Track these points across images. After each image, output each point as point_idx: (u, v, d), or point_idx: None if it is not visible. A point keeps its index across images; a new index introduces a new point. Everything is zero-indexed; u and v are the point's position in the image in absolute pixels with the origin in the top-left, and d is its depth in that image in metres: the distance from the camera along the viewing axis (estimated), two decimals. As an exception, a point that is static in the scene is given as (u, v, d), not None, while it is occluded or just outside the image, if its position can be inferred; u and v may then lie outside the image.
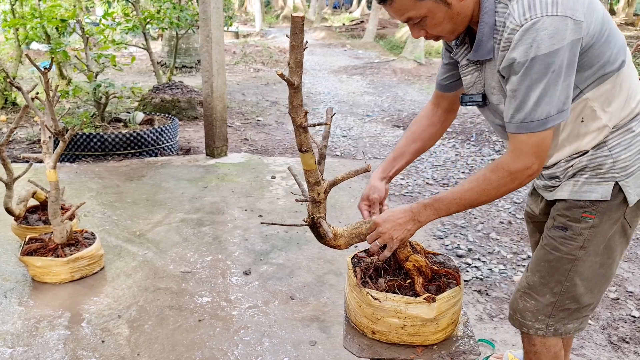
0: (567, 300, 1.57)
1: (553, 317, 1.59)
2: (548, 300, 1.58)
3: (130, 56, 7.31)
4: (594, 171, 1.47)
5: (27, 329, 2.52)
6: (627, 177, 1.44)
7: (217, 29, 5.23)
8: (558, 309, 1.58)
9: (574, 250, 1.51)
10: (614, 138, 1.44)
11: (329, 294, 2.88)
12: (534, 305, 1.61)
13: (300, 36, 1.22)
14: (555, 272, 1.55)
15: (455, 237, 3.69)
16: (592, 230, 1.48)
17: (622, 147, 1.44)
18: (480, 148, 6.26)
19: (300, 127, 1.33)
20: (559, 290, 1.56)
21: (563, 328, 1.61)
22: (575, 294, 1.55)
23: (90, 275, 3.03)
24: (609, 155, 1.44)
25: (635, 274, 3.20)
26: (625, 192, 1.45)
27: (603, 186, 1.45)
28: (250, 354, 2.36)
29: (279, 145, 6.59)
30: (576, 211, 1.49)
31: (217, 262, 3.24)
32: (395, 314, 1.49)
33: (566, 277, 1.54)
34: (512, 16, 1.28)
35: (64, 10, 6.46)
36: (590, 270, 1.53)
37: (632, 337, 2.57)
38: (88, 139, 5.47)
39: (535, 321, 1.62)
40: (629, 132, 1.44)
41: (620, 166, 1.44)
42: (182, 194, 4.46)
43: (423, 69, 13.46)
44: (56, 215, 2.89)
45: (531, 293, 1.62)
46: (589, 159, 1.47)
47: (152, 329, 2.54)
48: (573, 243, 1.51)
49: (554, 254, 1.54)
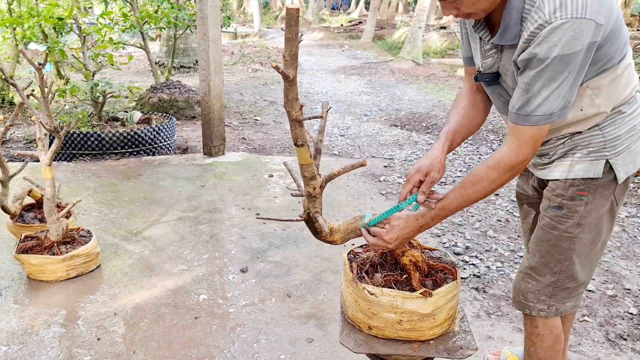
0: (566, 279, 1.63)
1: (554, 297, 1.65)
2: (549, 280, 1.64)
3: (128, 56, 7.25)
4: (586, 149, 1.52)
5: (22, 327, 2.50)
6: (617, 155, 1.50)
7: (214, 27, 5.22)
8: (558, 288, 1.64)
9: (570, 228, 1.56)
10: (605, 119, 1.50)
11: (325, 292, 2.87)
12: (535, 285, 1.67)
13: (295, 28, 1.22)
14: (555, 251, 1.60)
15: (453, 234, 3.68)
16: (586, 207, 1.54)
17: (613, 127, 1.50)
18: (478, 147, 6.26)
19: (296, 121, 1.33)
20: (559, 269, 1.61)
21: (563, 307, 1.67)
22: (574, 272, 1.62)
23: (87, 273, 3.01)
24: (600, 134, 1.50)
25: (632, 271, 3.19)
26: (615, 169, 1.51)
27: (595, 164, 1.51)
28: (247, 351, 2.35)
29: (277, 144, 6.58)
30: (570, 190, 1.54)
31: (214, 260, 3.22)
32: (392, 309, 1.48)
33: (565, 255, 1.59)
34: (542, 11, 1.27)
35: (62, 10, 6.45)
36: (585, 248, 1.60)
37: (629, 334, 2.56)
38: (85, 137, 5.46)
39: (537, 302, 1.67)
40: (620, 114, 1.50)
41: (610, 145, 1.50)
42: (179, 192, 4.44)
43: (421, 69, 13.47)
44: (52, 212, 2.87)
45: (532, 274, 1.67)
46: (581, 137, 1.52)
47: (148, 326, 2.53)
48: (569, 221, 1.56)
49: (552, 233, 1.59)
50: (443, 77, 12.69)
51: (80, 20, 6.25)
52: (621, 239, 3.65)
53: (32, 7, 7.11)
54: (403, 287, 1.56)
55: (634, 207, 4.27)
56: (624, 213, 4.12)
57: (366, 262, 1.64)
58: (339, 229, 1.57)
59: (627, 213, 4.13)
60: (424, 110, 8.80)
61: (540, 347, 1.74)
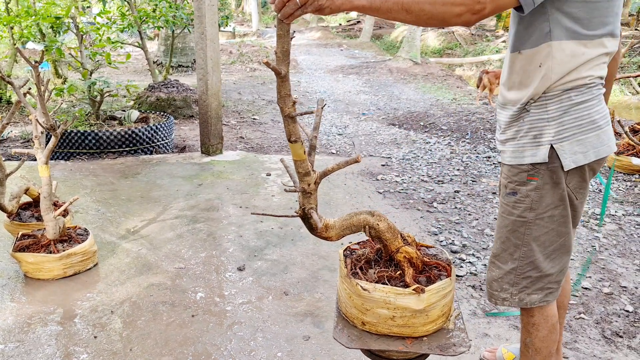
0: (526, 266, 1.66)
1: (516, 286, 1.69)
2: (509, 267, 1.69)
3: (126, 55, 7.23)
4: (531, 133, 1.57)
5: (19, 325, 2.50)
6: (561, 141, 1.54)
7: (211, 26, 5.22)
8: (520, 276, 1.68)
9: (524, 212, 1.62)
10: (553, 102, 1.54)
11: (322, 290, 2.87)
12: (498, 273, 1.72)
13: (286, 25, 1.22)
14: (512, 236, 1.66)
15: (450, 233, 3.69)
16: (537, 192, 1.59)
17: (560, 111, 1.53)
18: (475, 146, 6.27)
19: (289, 117, 1.33)
20: (518, 255, 1.66)
21: (527, 298, 1.69)
22: (534, 259, 1.65)
23: (84, 271, 3.01)
24: (546, 118, 1.54)
25: (629, 269, 3.20)
26: (560, 155, 1.54)
27: (540, 149, 1.56)
28: (244, 349, 2.35)
29: (275, 143, 6.58)
30: (521, 175, 1.61)
31: (211, 258, 3.23)
32: (385, 304, 1.48)
33: (522, 241, 1.64)
34: None
35: (60, 9, 6.44)
36: (546, 237, 1.63)
37: (625, 332, 2.57)
38: (83, 136, 5.45)
39: (500, 290, 1.73)
40: (568, 100, 1.53)
41: (555, 130, 1.54)
42: (176, 191, 4.44)
43: (419, 68, 13.47)
44: (48, 211, 2.87)
45: (495, 261, 1.74)
46: (529, 120, 1.57)
47: (145, 324, 2.53)
48: (522, 205, 1.62)
49: (509, 219, 1.66)
50: (441, 77, 12.70)
51: (78, 19, 6.25)
52: (618, 237, 3.66)
53: (29, 6, 7.10)
54: (397, 283, 1.57)
55: (631, 206, 4.28)
56: (621, 211, 4.13)
57: (361, 259, 1.64)
58: (334, 226, 1.57)
59: (623, 211, 4.13)
60: (422, 109, 8.80)
61: (536, 337, 1.75)
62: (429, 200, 4.35)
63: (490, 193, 4.56)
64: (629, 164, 5.08)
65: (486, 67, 15.04)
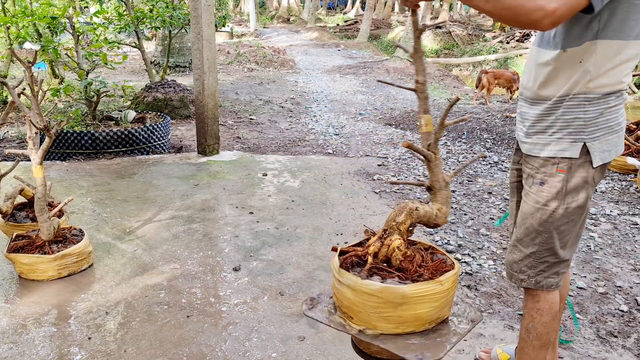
0: (545, 252, 1.75)
1: (534, 269, 1.79)
2: (529, 251, 1.78)
3: (123, 55, 7.21)
4: (567, 130, 1.64)
5: (13, 326, 2.50)
6: (594, 140, 1.63)
7: (208, 26, 5.21)
8: (538, 260, 1.77)
9: (550, 202, 1.70)
10: (593, 104, 1.60)
11: (318, 290, 2.87)
12: (519, 256, 1.81)
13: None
14: (535, 222, 1.74)
15: (445, 232, 3.69)
16: (564, 184, 1.67)
17: (597, 113, 1.61)
18: (472, 145, 6.27)
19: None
20: (539, 241, 1.75)
21: (544, 281, 1.79)
22: (553, 246, 1.74)
23: (79, 272, 3.00)
24: (583, 118, 1.61)
25: (624, 268, 3.20)
26: (591, 153, 1.63)
27: (573, 145, 1.64)
28: (239, 350, 2.35)
29: (272, 143, 6.57)
30: (551, 167, 1.69)
31: (207, 259, 3.22)
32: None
33: (544, 228, 1.73)
34: None
35: (56, 10, 6.42)
36: (566, 226, 1.72)
37: (620, 331, 2.57)
38: (79, 137, 5.44)
39: (519, 272, 1.82)
40: (606, 103, 1.61)
41: (589, 129, 1.62)
42: (173, 191, 4.44)
43: (416, 68, 13.46)
44: (43, 211, 2.87)
45: (518, 245, 1.82)
46: (566, 117, 1.63)
47: (140, 325, 2.52)
48: (549, 195, 1.70)
49: (535, 207, 1.73)
50: (438, 77, 12.72)
51: (75, 19, 6.24)
52: (613, 236, 3.67)
53: (26, 6, 7.08)
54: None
55: (626, 205, 4.29)
56: (616, 211, 4.14)
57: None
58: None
59: (619, 211, 4.14)
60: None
61: (539, 322, 1.82)
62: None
63: (486, 193, 4.56)
64: (624, 164, 5.09)
65: (483, 67, 15.06)
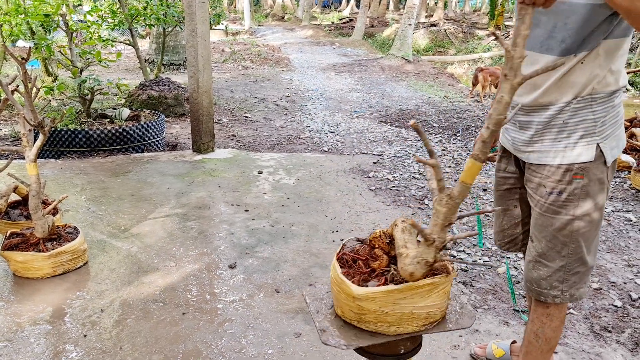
0: (575, 262, 1.68)
1: (566, 282, 1.70)
2: (558, 265, 1.69)
3: (117, 53, 7.15)
4: (577, 134, 1.59)
5: (8, 324, 2.49)
6: (605, 139, 1.60)
7: (202, 23, 5.20)
8: (569, 272, 1.69)
9: (572, 210, 1.63)
10: (598, 103, 1.58)
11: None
12: (546, 271, 1.71)
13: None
14: (559, 234, 1.66)
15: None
16: (583, 190, 1.61)
17: (604, 112, 1.59)
18: (466, 143, 6.29)
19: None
20: (567, 252, 1.67)
21: (577, 293, 1.72)
22: (582, 255, 1.67)
23: (74, 270, 2.99)
24: (592, 119, 1.58)
25: (617, 264, 3.23)
26: (604, 153, 1.59)
27: (588, 149, 1.59)
28: (234, 347, 2.35)
29: (267, 140, 6.57)
30: (567, 174, 1.61)
31: (203, 256, 3.22)
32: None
33: (570, 238, 1.65)
34: None
35: (49, 7, 6.38)
36: (590, 232, 1.66)
37: (614, 326, 2.59)
38: (73, 135, 5.42)
39: (550, 288, 1.72)
40: (610, 102, 1.59)
41: (599, 129, 1.59)
42: (168, 189, 4.43)
43: (411, 66, 13.50)
44: (37, 209, 2.85)
45: (541, 260, 1.72)
46: (574, 120, 1.59)
47: (136, 322, 2.52)
48: (570, 204, 1.63)
49: (555, 217, 1.65)
50: (433, 74, 12.74)
51: (68, 16, 6.20)
52: (607, 232, 3.69)
53: (19, 4, 7.03)
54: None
55: (620, 202, 4.31)
56: (610, 207, 4.16)
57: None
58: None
59: (612, 207, 4.17)
60: (413, 106, 8.83)
61: (548, 327, 1.78)
62: (420, 198, 4.36)
63: (481, 190, 4.58)
64: (618, 160, 5.12)
65: (478, 64, 15.10)
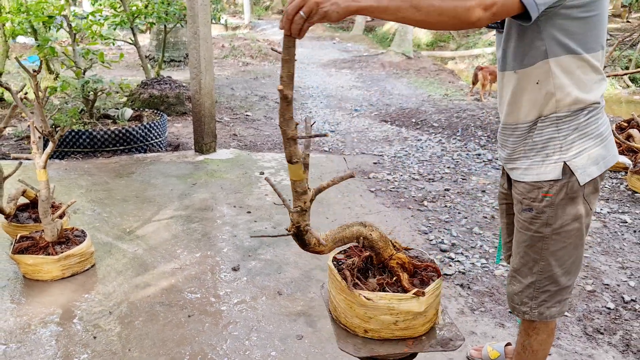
0: (545, 280, 1.70)
1: (535, 300, 1.73)
2: (529, 281, 1.72)
3: (118, 51, 7.25)
4: (544, 152, 1.62)
5: (20, 325, 2.57)
6: (574, 157, 1.59)
7: (204, 25, 5.25)
8: (539, 290, 1.72)
9: (540, 228, 1.65)
10: (564, 122, 1.58)
11: (315, 289, 2.95)
12: (518, 287, 1.76)
13: (292, 50, 1.27)
14: (531, 251, 1.69)
15: (440, 231, 3.78)
16: (552, 208, 1.62)
17: (570, 130, 1.58)
18: (466, 143, 6.36)
19: (291, 139, 1.39)
20: (537, 270, 1.70)
21: (547, 312, 1.74)
22: (552, 274, 1.69)
23: (81, 272, 3.08)
24: (557, 137, 1.59)
25: (611, 266, 3.30)
26: (574, 171, 1.58)
27: (554, 167, 1.60)
28: (239, 349, 2.43)
29: (268, 140, 6.63)
30: (536, 192, 1.64)
31: (206, 259, 3.30)
32: (388, 311, 1.55)
33: (540, 255, 1.68)
34: None
35: (52, 8, 6.43)
36: (563, 252, 1.67)
37: (606, 328, 2.67)
38: (77, 135, 5.49)
39: (520, 304, 1.77)
40: (577, 119, 1.58)
41: (567, 147, 1.59)
42: (171, 190, 4.50)
43: (411, 62, 13.53)
44: (47, 214, 2.93)
45: (516, 276, 1.77)
46: (540, 139, 1.61)
47: (143, 324, 2.60)
48: (538, 221, 1.65)
49: (527, 234, 1.69)
50: (433, 71, 12.76)
51: (71, 17, 6.25)
52: (602, 234, 3.77)
53: (21, 3, 7.08)
54: (395, 289, 1.64)
55: (616, 203, 4.39)
56: (606, 209, 4.23)
57: (353, 268, 1.71)
58: (327, 239, 1.64)
59: (608, 209, 4.24)
60: (413, 105, 8.88)
61: (535, 340, 1.81)
62: (419, 199, 4.44)
63: (480, 191, 4.65)
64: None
65: (479, 60, 15.12)
